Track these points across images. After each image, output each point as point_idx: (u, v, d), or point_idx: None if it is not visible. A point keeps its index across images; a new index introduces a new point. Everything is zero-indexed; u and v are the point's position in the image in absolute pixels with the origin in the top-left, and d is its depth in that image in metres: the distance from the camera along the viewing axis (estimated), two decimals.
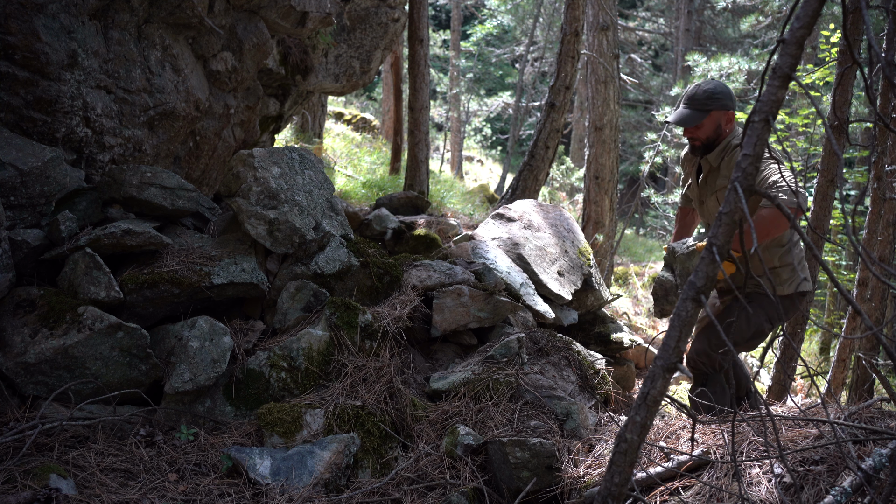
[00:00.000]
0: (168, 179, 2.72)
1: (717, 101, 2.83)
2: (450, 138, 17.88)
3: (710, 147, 2.92)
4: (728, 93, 2.87)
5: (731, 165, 2.84)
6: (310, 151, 3.05)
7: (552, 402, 2.60)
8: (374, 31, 4.98)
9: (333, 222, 2.98)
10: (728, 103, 2.86)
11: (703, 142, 2.90)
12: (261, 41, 3.51)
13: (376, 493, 2.16)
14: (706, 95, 2.84)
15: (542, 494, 2.19)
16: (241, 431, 2.35)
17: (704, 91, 2.85)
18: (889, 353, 1.09)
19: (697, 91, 2.88)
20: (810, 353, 7.29)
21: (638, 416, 1.28)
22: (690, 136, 2.93)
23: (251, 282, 2.61)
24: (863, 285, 4.21)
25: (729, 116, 2.87)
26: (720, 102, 2.83)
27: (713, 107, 2.83)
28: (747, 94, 9.94)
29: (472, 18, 19.66)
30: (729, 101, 2.86)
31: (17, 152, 2.35)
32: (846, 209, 5.60)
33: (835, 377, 4.36)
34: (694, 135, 2.91)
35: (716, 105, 2.83)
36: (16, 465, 1.95)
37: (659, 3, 18.17)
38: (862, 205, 5.84)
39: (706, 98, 2.83)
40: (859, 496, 1.61)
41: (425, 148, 5.95)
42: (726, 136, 2.90)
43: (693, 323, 1.26)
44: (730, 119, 2.88)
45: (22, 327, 2.25)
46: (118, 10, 2.71)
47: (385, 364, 2.60)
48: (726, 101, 2.85)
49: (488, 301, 2.97)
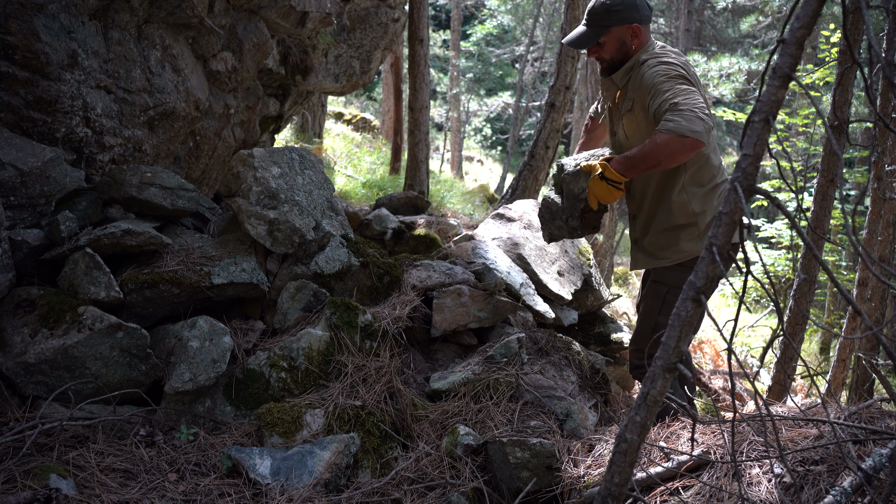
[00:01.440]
0: (168, 179, 2.72)
1: (616, 15, 2.49)
2: (450, 138, 17.88)
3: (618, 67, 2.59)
4: (630, 2, 2.50)
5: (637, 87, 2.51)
6: (310, 151, 3.05)
7: (552, 402, 2.60)
8: (374, 31, 4.98)
9: (333, 222, 2.98)
10: (631, 15, 2.50)
11: (609, 62, 2.58)
12: (261, 41, 3.51)
13: (376, 493, 2.16)
14: (604, 10, 2.50)
15: (542, 494, 2.19)
16: (241, 431, 2.35)
17: (602, 4, 2.51)
18: (889, 353, 1.09)
19: (595, 4, 2.54)
20: (810, 353, 7.29)
21: (638, 416, 1.28)
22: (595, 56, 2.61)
23: (251, 282, 2.61)
24: (863, 285, 4.21)
25: (634, 30, 2.52)
26: (620, 15, 2.49)
27: (612, 22, 2.50)
28: (747, 94, 9.94)
29: (472, 18, 19.66)
30: (632, 11, 2.50)
31: (17, 152, 2.35)
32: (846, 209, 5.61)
33: (835, 377, 4.36)
34: (598, 55, 2.58)
35: (615, 19, 2.49)
36: (16, 465, 1.95)
37: (659, 3, 18.17)
38: (862, 205, 5.85)
39: (604, 12, 2.50)
40: (859, 496, 1.61)
41: (425, 148, 5.95)
42: (635, 53, 2.56)
43: (693, 323, 1.26)
44: (636, 33, 2.53)
45: (22, 327, 2.25)
46: (118, 10, 2.71)
47: (385, 364, 2.60)
48: (628, 13, 2.50)
49: (488, 301, 2.97)
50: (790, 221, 1.18)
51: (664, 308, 2.61)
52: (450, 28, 17.75)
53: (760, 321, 7.38)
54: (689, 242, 2.60)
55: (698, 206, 2.57)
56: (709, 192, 2.60)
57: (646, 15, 2.55)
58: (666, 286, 2.62)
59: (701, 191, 2.57)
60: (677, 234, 2.61)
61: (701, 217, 2.59)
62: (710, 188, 2.60)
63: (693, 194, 2.57)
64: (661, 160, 2.35)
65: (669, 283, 2.61)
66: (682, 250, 2.61)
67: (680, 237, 2.61)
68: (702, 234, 2.59)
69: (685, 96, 2.31)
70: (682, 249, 2.60)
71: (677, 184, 2.58)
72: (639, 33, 2.53)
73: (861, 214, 5.06)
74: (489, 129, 21.02)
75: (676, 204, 2.58)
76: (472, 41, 18.40)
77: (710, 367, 5.48)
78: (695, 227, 2.60)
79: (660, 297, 2.63)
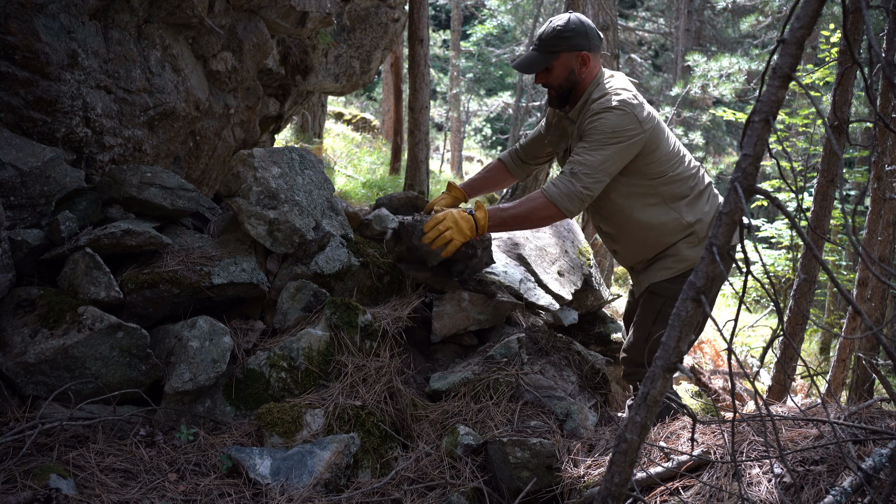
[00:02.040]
0: (168, 179, 2.72)
1: (565, 41, 2.41)
2: (450, 138, 17.88)
3: (567, 97, 2.53)
4: (581, 30, 2.43)
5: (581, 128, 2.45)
6: (310, 151, 3.05)
7: (552, 402, 2.60)
8: (374, 31, 4.98)
9: (333, 222, 2.98)
10: (580, 42, 2.42)
11: (558, 90, 2.52)
12: (261, 41, 3.51)
13: (376, 493, 2.16)
14: (554, 34, 2.42)
15: (542, 494, 2.19)
16: (241, 431, 2.35)
17: (553, 29, 2.43)
18: (889, 353, 1.09)
19: (545, 29, 2.47)
20: (810, 353, 7.29)
21: (638, 416, 1.28)
22: (543, 83, 2.53)
23: (251, 282, 2.61)
24: (863, 285, 4.21)
25: (583, 58, 2.44)
26: (570, 42, 2.41)
27: (561, 48, 2.42)
28: (747, 94, 9.94)
29: (472, 18, 19.66)
30: (581, 39, 2.43)
31: (17, 152, 2.35)
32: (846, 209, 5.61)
33: (835, 377, 4.36)
34: (546, 81, 2.51)
35: (564, 46, 2.42)
36: (16, 465, 1.95)
37: (659, 3, 18.18)
38: (862, 205, 5.85)
39: (554, 38, 2.42)
40: (859, 496, 1.61)
41: (425, 148, 5.95)
42: (585, 84, 2.50)
43: (693, 323, 1.26)
44: (584, 61, 2.45)
45: (22, 327, 2.26)
46: (118, 10, 2.71)
47: (385, 364, 2.60)
48: (578, 41, 2.42)
49: (488, 304, 2.97)
50: (790, 221, 1.18)
51: (659, 318, 2.60)
52: (450, 28, 17.76)
53: (760, 321, 7.38)
54: (691, 250, 2.59)
55: (691, 217, 2.57)
56: (695, 200, 2.59)
57: (595, 44, 2.51)
58: (663, 297, 2.61)
59: (685, 202, 2.57)
60: (678, 247, 2.61)
61: (698, 225, 2.58)
62: (695, 196, 2.59)
63: (680, 208, 2.56)
64: (532, 222, 2.53)
65: (666, 295, 2.60)
66: (684, 258, 2.60)
67: (680, 247, 2.60)
68: (702, 239, 2.59)
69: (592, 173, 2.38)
70: (685, 258, 2.60)
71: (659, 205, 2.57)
72: (587, 61, 2.47)
73: (861, 214, 5.06)
74: (489, 129, 21.02)
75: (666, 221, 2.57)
76: (472, 41, 18.40)
77: (710, 367, 5.49)
78: (694, 235, 2.59)
79: (655, 308, 2.62)
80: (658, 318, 2.59)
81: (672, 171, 2.55)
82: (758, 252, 1.34)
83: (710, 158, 14.25)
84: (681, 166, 2.59)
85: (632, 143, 2.42)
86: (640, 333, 2.67)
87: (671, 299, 2.56)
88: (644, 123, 2.45)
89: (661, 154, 2.53)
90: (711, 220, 2.61)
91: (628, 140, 2.41)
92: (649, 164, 2.52)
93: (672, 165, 2.56)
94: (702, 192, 2.63)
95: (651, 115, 2.52)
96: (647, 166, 2.52)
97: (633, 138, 2.42)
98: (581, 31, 2.44)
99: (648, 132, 2.46)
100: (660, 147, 2.53)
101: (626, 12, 18.58)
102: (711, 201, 2.66)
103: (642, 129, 2.44)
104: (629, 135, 2.42)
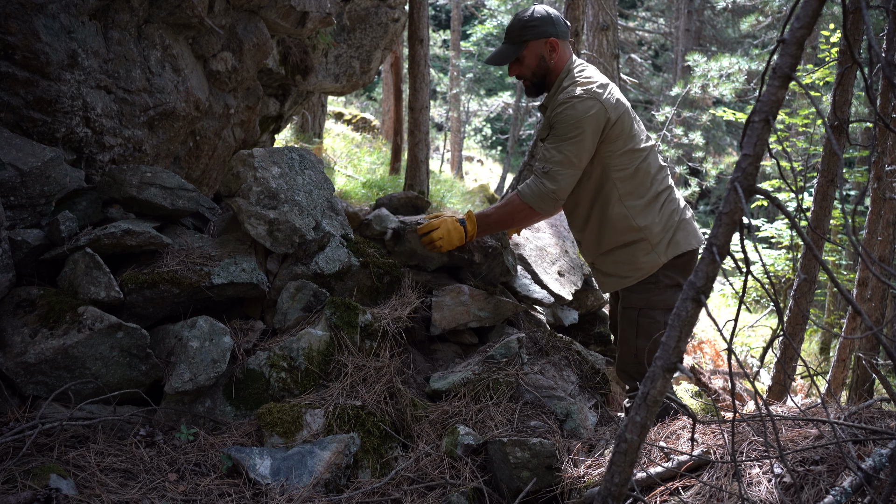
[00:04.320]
0: (168, 179, 2.72)
1: (532, 30, 2.49)
2: (450, 138, 17.88)
3: (541, 85, 2.60)
4: (547, 17, 2.49)
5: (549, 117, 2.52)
6: (310, 151, 3.05)
7: (552, 402, 2.61)
8: (374, 31, 4.97)
9: (333, 222, 2.98)
10: (547, 29, 2.49)
11: (531, 79, 2.58)
12: (261, 41, 3.51)
13: (376, 493, 2.16)
14: (521, 25, 2.50)
15: (542, 494, 2.19)
16: (241, 431, 2.35)
17: (519, 20, 2.51)
18: (889, 353, 1.09)
19: (512, 21, 2.54)
20: (810, 353, 7.30)
21: (638, 416, 1.28)
22: (516, 74, 2.61)
23: (251, 282, 2.61)
24: (863, 285, 4.22)
25: (552, 44, 2.51)
26: (537, 30, 2.49)
27: (529, 36, 2.49)
28: (747, 94, 9.94)
29: (472, 18, 19.66)
30: (548, 26, 2.49)
31: (17, 152, 2.35)
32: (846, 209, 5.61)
33: (835, 377, 4.36)
34: (519, 72, 2.58)
35: (531, 34, 2.49)
36: (16, 465, 1.95)
37: (659, 3, 18.18)
38: (862, 205, 5.85)
39: (521, 28, 2.50)
40: (859, 496, 1.61)
41: (425, 148, 5.95)
42: (556, 71, 2.56)
43: (693, 323, 1.26)
44: (553, 47, 2.52)
45: (22, 327, 2.25)
46: (118, 10, 2.71)
47: (385, 364, 2.60)
48: (545, 28, 2.49)
49: (489, 300, 2.97)
50: (790, 221, 1.18)
51: (640, 332, 2.58)
52: (450, 28, 17.75)
53: (760, 321, 7.38)
54: (645, 257, 2.55)
55: (641, 220, 2.53)
56: (649, 203, 2.55)
57: (563, 31, 2.55)
58: (635, 309, 2.59)
59: (640, 203, 2.54)
60: (631, 251, 2.57)
61: (647, 231, 2.53)
62: (650, 198, 2.55)
63: (632, 207, 2.54)
64: (514, 223, 2.67)
65: (637, 306, 2.58)
66: (640, 267, 2.56)
67: (635, 253, 2.56)
68: (655, 247, 2.54)
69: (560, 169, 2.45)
70: (641, 266, 2.56)
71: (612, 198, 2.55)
72: (556, 47, 2.53)
73: (861, 214, 5.06)
74: (489, 129, 21.03)
75: (617, 218, 2.55)
76: (472, 41, 18.40)
77: (710, 367, 5.49)
78: (645, 241, 2.54)
79: (633, 321, 2.61)
80: (639, 332, 2.59)
81: (632, 165, 2.53)
82: (758, 252, 1.34)
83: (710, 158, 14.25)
84: (644, 162, 2.56)
85: (595, 128, 2.44)
86: (627, 349, 2.67)
87: (645, 308, 2.57)
88: (609, 110, 2.45)
89: (625, 144, 2.51)
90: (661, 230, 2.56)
91: (592, 126, 2.43)
92: (612, 154, 2.51)
93: (635, 159, 2.54)
94: (658, 195, 2.57)
95: (620, 101, 2.52)
96: (609, 155, 2.51)
97: (597, 124, 2.43)
98: (547, 19, 2.50)
99: (615, 118, 2.47)
100: (622, 136, 2.51)
101: (626, 12, 18.58)
102: (665, 208, 2.58)
103: (606, 114, 2.45)
104: (593, 122, 2.43)
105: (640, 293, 2.59)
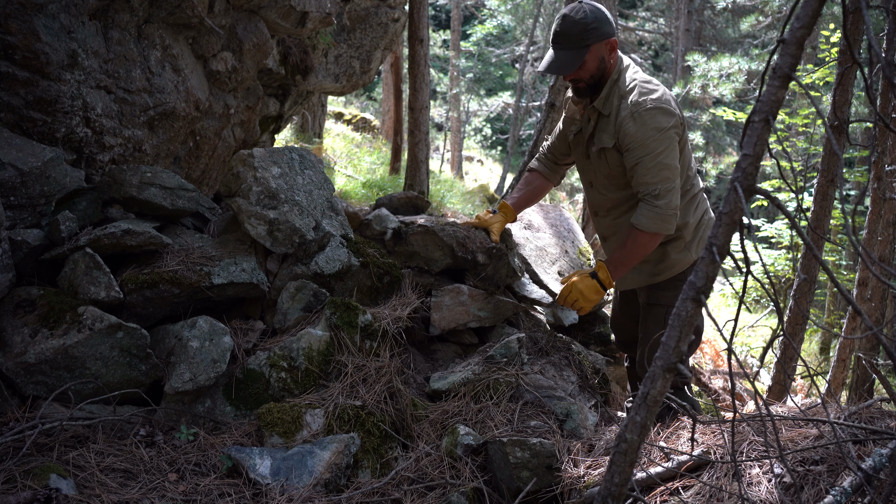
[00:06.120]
0: (168, 179, 2.72)
1: (594, 32, 2.36)
2: (450, 138, 17.88)
3: (597, 87, 2.47)
4: (603, 17, 2.39)
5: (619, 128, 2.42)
6: (310, 151, 3.05)
7: (552, 402, 2.60)
8: (374, 31, 4.97)
9: (333, 222, 2.98)
10: (607, 29, 2.40)
11: (589, 81, 2.45)
12: (261, 41, 3.51)
13: (376, 493, 2.16)
14: (581, 28, 2.36)
15: (542, 494, 2.19)
16: (241, 431, 2.35)
17: (577, 23, 2.36)
18: (889, 353, 1.09)
19: (566, 25, 2.38)
20: (810, 353, 7.30)
21: (638, 416, 1.28)
22: (573, 79, 2.46)
23: (251, 282, 2.61)
24: (863, 285, 4.22)
25: (611, 45, 2.42)
26: (598, 32, 2.37)
27: (592, 39, 2.37)
28: (747, 94, 9.94)
29: (472, 18, 19.66)
30: (606, 25, 2.40)
31: (17, 152, 2.35)
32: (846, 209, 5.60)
33: (835, 377, 4.37)
34: (577, 77, 2.44)
35: (594, 36, 2.37)
36: (16, 465, 1.95)
37: (659, 3, 18.18)
38: (862, 205, 5.85)
39: (582, 31, 2.36)
40: (859, 496, 1.61)
41: (425, 148, 5.95)
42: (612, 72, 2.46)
43: (693, 323, 1.26)
44: (613, 48, 2.43)
45: (22, 327, 2.25)
46: (118, 10, 2.71)
47: (385, 364, 2.60)
48: (605, 28, 2.39)
49: (488, 300, 2.97)
50: (790, 221, 1.18)
51: None
52: (450, 28, 17.75)
53: (760, 321, 7.38)
54: (678, 255, 2.58)
55: (681, 220, 2.53)
56: (689, 203, 2.57)
57: (614, 26, 2.50)
58: (664, 306, 2.60)
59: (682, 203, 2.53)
60: (664, 249, 2.58)
61: (685, 229, 2.57)
62: (689, 198, 2.58)
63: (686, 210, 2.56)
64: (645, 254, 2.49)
65: (667, 303, 2.58)
66: (672, 264, 2.58)
67: (668, 251, 2.58)
68: (688, 244, 2.58)
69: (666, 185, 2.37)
70: (672, 263, 2.58)
71: None
72: (615, 47, 2.45)
73: (861, 214, 5.06)
74: (489, 129, 21.03)
75: None
76: (472, 41, 18.41)
77: (710, 367, 5.49)
78: (680, 239, 2.57)
79: (659, 319, 2.60)
80: None
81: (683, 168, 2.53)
82: (758, 252, 1.34)
83: (710, 158, 14.25)
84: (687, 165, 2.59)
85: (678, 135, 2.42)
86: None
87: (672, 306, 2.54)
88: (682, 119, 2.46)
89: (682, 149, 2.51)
90: (696, 226, 2.61)
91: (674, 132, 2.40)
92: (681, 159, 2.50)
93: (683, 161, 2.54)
94: (694, 196, 2.62)
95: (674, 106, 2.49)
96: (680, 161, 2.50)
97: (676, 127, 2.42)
98: (604, 18, 2.39)
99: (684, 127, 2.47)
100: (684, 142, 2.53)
101: (626, 12, 18.58)
102: (699, 207, 2.64)
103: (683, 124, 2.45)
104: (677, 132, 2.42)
105: (671, 290, 2.58)
